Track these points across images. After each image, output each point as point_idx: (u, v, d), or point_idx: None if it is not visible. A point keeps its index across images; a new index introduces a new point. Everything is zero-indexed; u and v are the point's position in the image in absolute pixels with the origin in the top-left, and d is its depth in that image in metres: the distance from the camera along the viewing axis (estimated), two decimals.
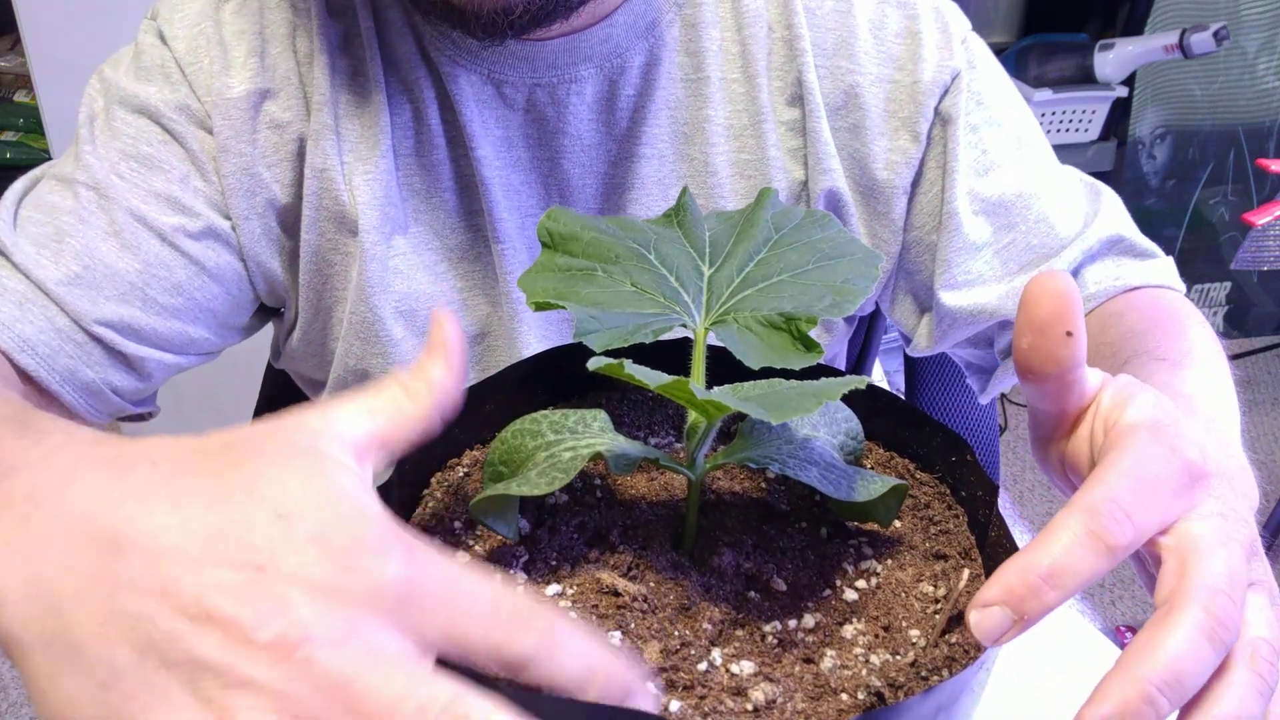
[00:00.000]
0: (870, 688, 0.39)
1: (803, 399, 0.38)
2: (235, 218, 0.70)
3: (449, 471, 0.50)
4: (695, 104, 0.71)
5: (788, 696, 0.39)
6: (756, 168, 0.72)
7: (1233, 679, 0.36)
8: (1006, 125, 0.73)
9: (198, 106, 0.69)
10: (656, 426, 0.55)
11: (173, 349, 0.70)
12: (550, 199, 0.73)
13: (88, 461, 0.35)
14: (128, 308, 0.67)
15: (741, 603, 0.43)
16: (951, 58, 0.71)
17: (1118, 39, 2.04)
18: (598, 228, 0.49)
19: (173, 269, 0.68)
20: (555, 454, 0.44)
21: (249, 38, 0.70)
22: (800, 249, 0.48)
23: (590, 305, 0.45)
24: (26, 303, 0.63)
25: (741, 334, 0.44)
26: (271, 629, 0.29)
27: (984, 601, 0.36)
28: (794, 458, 0.44)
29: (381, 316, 0.72)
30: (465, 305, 0.74)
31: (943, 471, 0.50)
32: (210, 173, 0.69)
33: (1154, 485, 0.37)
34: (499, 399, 0.53)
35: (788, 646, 0.41)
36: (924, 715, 0.36)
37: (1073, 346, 0.39)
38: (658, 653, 0.40)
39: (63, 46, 1.75)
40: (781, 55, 0.71)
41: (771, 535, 0.47)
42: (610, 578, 0.43)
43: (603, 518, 0.47)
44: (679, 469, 0.45)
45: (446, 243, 0.73)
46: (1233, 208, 2.33)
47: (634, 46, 0.70)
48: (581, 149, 0.72)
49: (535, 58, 0.68)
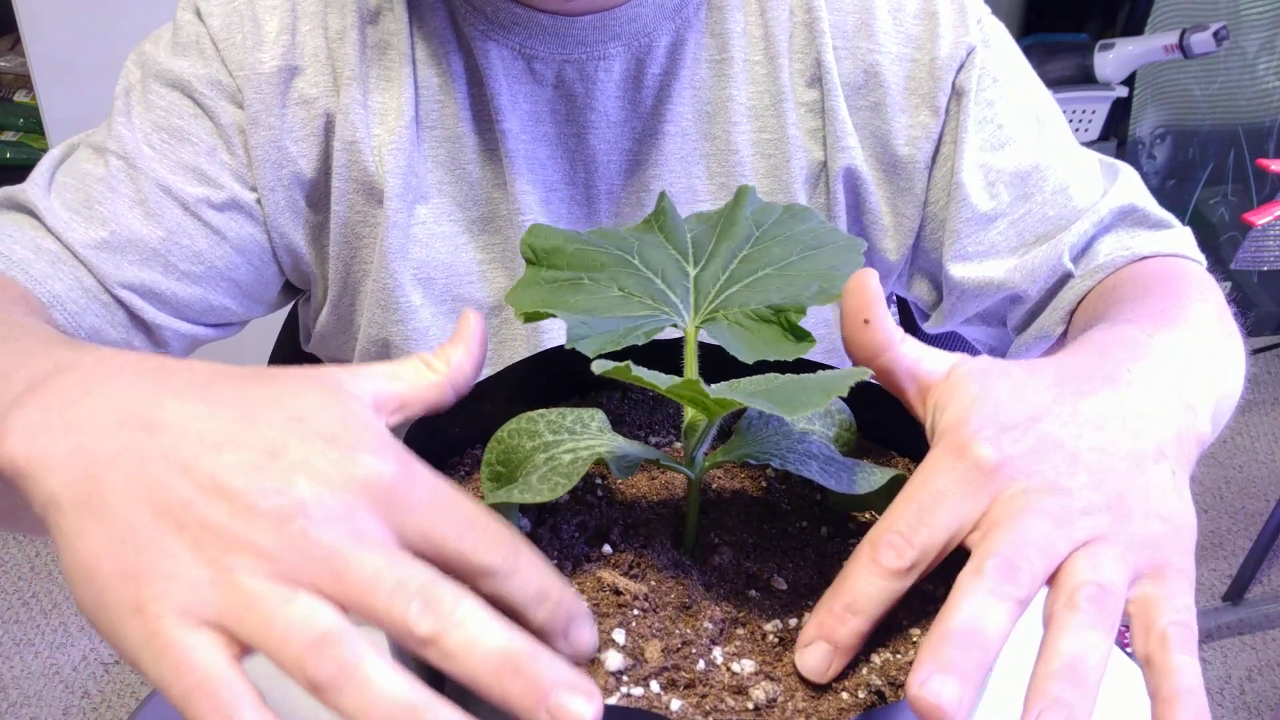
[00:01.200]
0: (871, 686, 0.39)
1: (811, 393, 0.38)
2: (261, 189, 0.73)
3: (450, 471, 0.50)
4: (719, 84, 0.73)
5: (788, 695, 0.39)
6: (776, 147, 0.74)
7: (1060, 623, 0.38)
8: (1023, 101, 0.74)
9: (229, 81, 0.71)
10: (656, 426, 0.55)
11: (192, 316, 0.73)
12: (576, 174, 0.75)
13: (134, 365, 0.40)
14: (149, 272, 0.70)
15: (742, 601, 0.43)
16: (967, 34, 0.72)
17: (1118, 39, 2.04)
18: (580, 239, 0.49)
19: (194, 238, 0.71)
20: (555, 456, 0.44)
21: (281, 14, 0.72)
22: (783, 242, 0.48)
23: (580, 312, 0.45)
24: (58, 262, 0.67)
25: (732, 329, 0.45)
26: (271, 501, 0.34)
27: (804, 641, 0.40)
28: (793, 452, 0.44)
29: (401, 283, 0.74)
30: (483, 277, 0.76)
31: None
32: (238, 146, 0.72)
33: (938, 498, 0.40)
34: (498, 398, 0.53)
35: (789, 645, 0.41)
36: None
37: (871, 332, 0.44)
38: (659, 651, 0.40)
39: (63, 46, 1.75)
40: (802, 38, 0.73)
41: (771, 534, 0.47)
42: (611, 576, 0.43)
43: (603, 517, 0.47)
44: (679, 468, 0.45)
45: (468, 215, 0.75)
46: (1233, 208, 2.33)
47: (661, 26, 0.72)
48: (608, 125, 0.73)
49: (566, 34, 0.70)
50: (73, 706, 1.79)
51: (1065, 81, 2.08)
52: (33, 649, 1.89)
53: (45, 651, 1.89)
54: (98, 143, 0.71)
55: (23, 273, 0.65)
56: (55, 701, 1.80)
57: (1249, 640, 1.94)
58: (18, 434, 0.37)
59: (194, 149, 0.71)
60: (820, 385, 0.38)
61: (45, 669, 1.86)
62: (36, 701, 1.80)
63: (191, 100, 0.71)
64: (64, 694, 1.81)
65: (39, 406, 0.38)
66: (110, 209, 0.69)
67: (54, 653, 1.89)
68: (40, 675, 1.84)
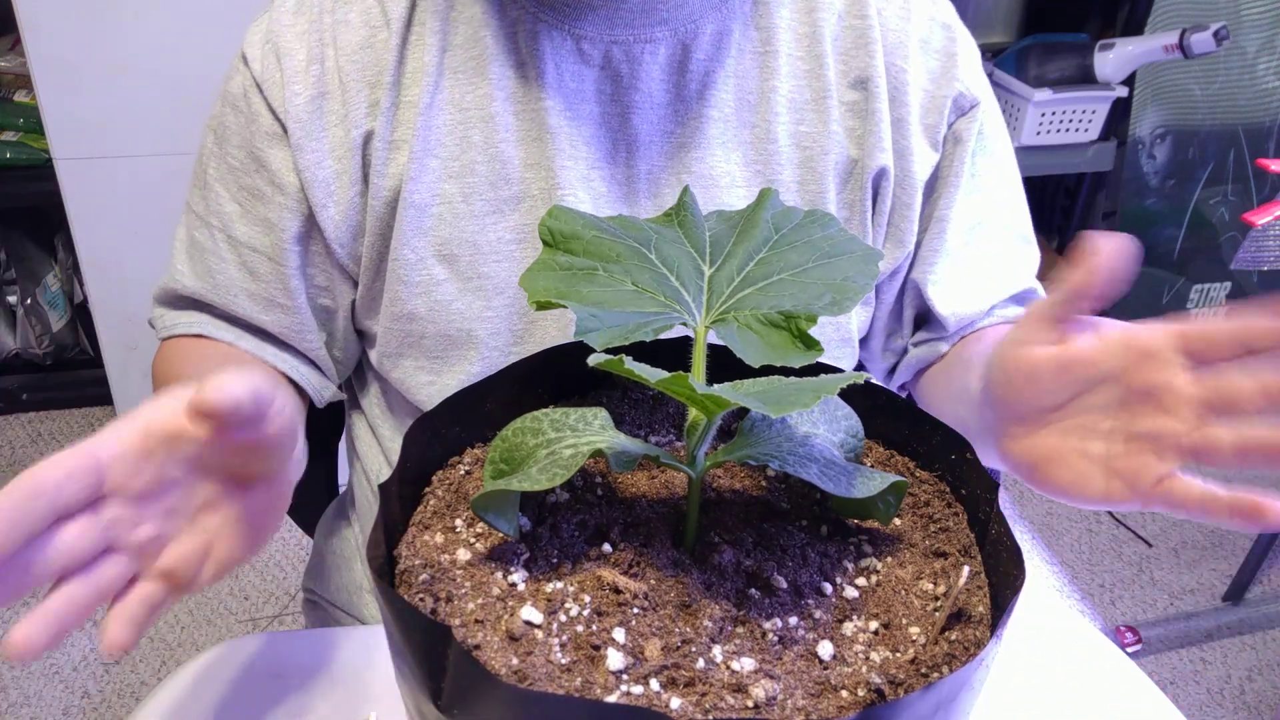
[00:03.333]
0: (870, 684, 0.40)
1: (801, 394, 0.38)
2: (314, 205, 0.76)
3: (450, 470, 0.50)
4: (762, 75, 0.76)
5: (788, 693, 0.39)
6: (814, 140, 0.77)
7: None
8: (996, 156, 0.81)
9: (276, 125, 0.75)
10: (657, 425, 0.55)
11: (310, 331, 0.81)
12: (618, 153, 0.76)
13: None
14: (264, 311, 0.80)
15: (742, 600, 0.43)
16: (975, 86, 0.79)
17: (1118, 39, 2.04)
18: (599, 227, 0.49)
19: (283, 274, 0.79)
20: (556, 451, 0.44)
21: (309, 41, 0.75)
22: (801, 248, 0.49)
23: (591, 304, 0.45)
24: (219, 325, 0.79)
25: (741, 332, 0.45)
26: None
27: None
28: (794, 454, 0.44)
29: (422, 258, 0.76)
30: (510, 256, 0.76)
31: (942, 469, 0.50)
32: (290, 178, 0.76)
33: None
34: (500, 397, 0.53)
35: (788, 644, 0.42)
36: (924, 712, 0.36)
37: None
38: (659, 650, 0.40)
39: (63, 46, 1.75)
40: (849, 41, 0.77)
41: (772, 533, 0.47)
42: (611, 575, 0.43)
43: (603, 515, 0.47)
44: (679, 466, 0.45)
45: (500, 194, 0.76)
46: (1233, 208, 2.33)
47: (707, 15, 0.74)
48: (651, 106, 0.75)
49: (614, 16, 0.73)
50: (73, 706, 1.79)
51: (1065, 81, 2.07)
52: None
53: (45, 651, 1.89)
54: (201, 212, 0.80)
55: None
56: (55, 701, 1.80)
57: (1249, 640, 1.94)
58: None
59: (265, 202, 0.76)
60: (811, 387, 0.39)
61: (45, 669, 1.86)
62: (36, 701, 1.80)
63: (250, 155, 0.76)
64: (64, 694, 1.82)
65: None
66: (224, 278, 0.78)
67: (54, 653, 1.89)
68: (40, 675, 1.84)
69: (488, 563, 0.44)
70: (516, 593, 0.43)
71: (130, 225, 1.91)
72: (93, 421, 2.39)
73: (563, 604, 0.42)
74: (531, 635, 0.41)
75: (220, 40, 1.76)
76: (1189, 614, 1.98)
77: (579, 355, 0.54)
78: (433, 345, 0.78)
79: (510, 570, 0.44)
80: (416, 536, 0.46)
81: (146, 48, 1.75)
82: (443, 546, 0.45)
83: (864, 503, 0.46)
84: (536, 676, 0.38)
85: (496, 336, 0.78)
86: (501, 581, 0.43)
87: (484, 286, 0.76)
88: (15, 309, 2.36)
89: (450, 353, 0.79)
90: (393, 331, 0.79)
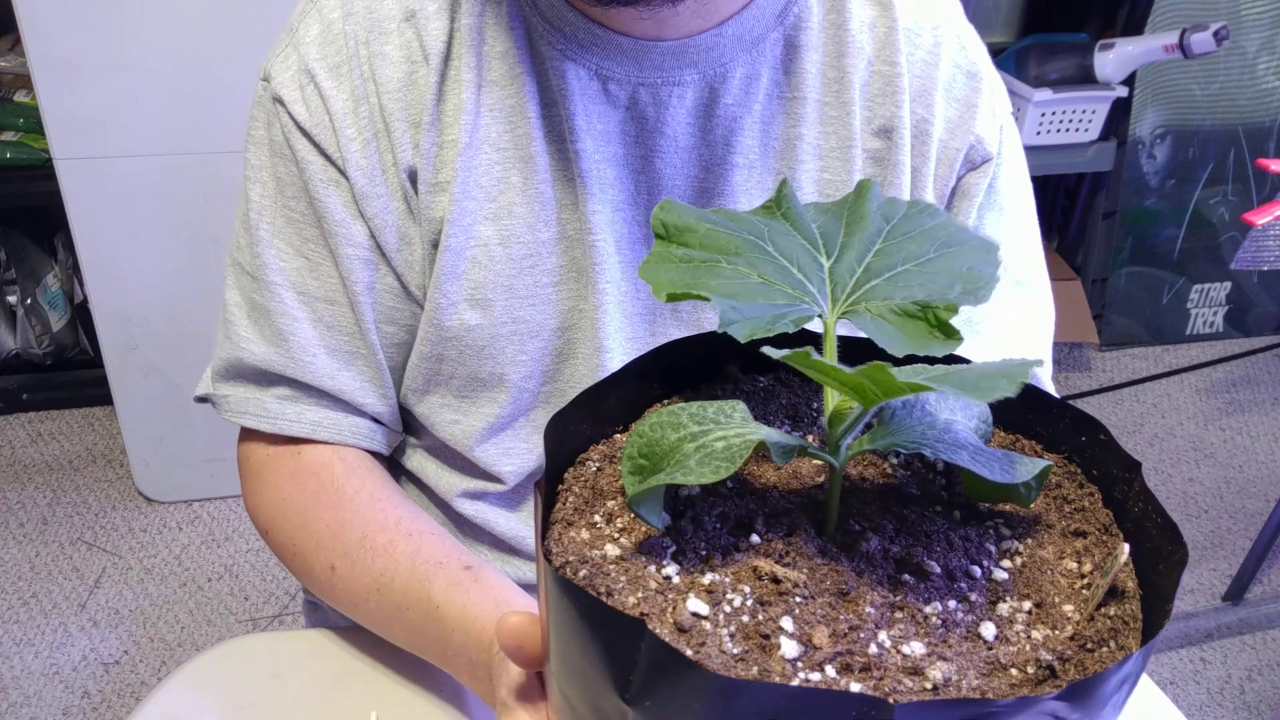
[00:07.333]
0: (1041, 661, 0.40)
1: (997, 379, 0.38)
2: (388, 251, 0.75)
3: (580, 467, 0.50)
4: (789, 122, 0.75)
5: (962, 674, 0.39)
6: (838, 189, 0.76)
7: None
8: (1007, 213, 0.80)
9: (326, 168, 0.74)
10: (771, 417, 0.55)
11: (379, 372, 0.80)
12: (640, 195, 0.75)
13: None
14: (345, 367, 0.79)
15: (897, 586, 0.44)
16: (992, 139, 0.77)
17: (1118, 39, 2.07)
18: (709, 220, 0.49)
19: (362, 323, 0.77)
20: (706, 444, 0.44)
21: (351, 80, 0.73)
22: (918, 238, 0.49)
23: (723, 296, 0.45)
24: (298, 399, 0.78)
25: (876, 322, 0.45)
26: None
27: None
28: (942, 442, 0.45)
29: (454, 302, 0.75)
30: (547, 300, 0.76)
31: (1069, 451, 0.50)
32: (356, 225, 0.74)
33: None
34: (618, 394, 0.53)
35: (951, 626, 0.42)
36: (1110, 688, 0.37)
37: None
38: (827, 637, 0.40)
39: (63, 46, 1.74)
40: (878, 88, 0.75)
41: (911, 519, 0.47)
42: (768, 565, 0.43)
43: (741, 507, 0.47)
44: (824, 457, 0.45)
45: (538, 236, 0.75)
46: (1233, 208, 2.36)
47: (737, 59, 0.72)
48: (676, 150, 0.74)
49: (643, 58, 0.71)
50: (73, 706, 1.78)
51: (1065, 81, 2.10)
52: (33, 649, 1.88)
53: (45, 651, 1.88)
54: (258, 274, 0.76)
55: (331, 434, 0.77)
56: (55, 701, 1.79)
57: (1249, 640, 1.96)
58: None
59: (336, 254, 0.75)
60: (1003, 372, 0.39)
61: (45, 669, 1.84)
62: (36, 701, 1.79)
63: (314, 208, 0.74)
64: (64, 694, 1.80)
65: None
66: (300, 340, 0.76)
67: (54, 653, 1.88)
68: (40, 675, 1.83)
69: (638, 556, 0.44)
70: (674, 585, 0.43)
71: (130, 225, 1.89)
72: (93, 421, 2.37)
73: (724, 595, 0.42)
74: (700, 627, 0.41)
75: (221, 40, 1.76)
76: (1189, 614, 1.99)
77: (689, 351, 0.54)
78: (461, 386, 0.78)
79: (662, 564, 0.44)
80: (563, 534, 0.45)
81: (147, 47, 1.74)
82: (590, 542, 0.45)
83: (1004, 486, 0.46)
84: (714, 666, 0.38)
85: (529, 380, 0.77)
86: (656, 575, 0.43)
87: (519, 331, 0.76)
88: (15, 309, 2.34)
89: (479, 394, 0.78)
90: (420, 369, 0.79)
